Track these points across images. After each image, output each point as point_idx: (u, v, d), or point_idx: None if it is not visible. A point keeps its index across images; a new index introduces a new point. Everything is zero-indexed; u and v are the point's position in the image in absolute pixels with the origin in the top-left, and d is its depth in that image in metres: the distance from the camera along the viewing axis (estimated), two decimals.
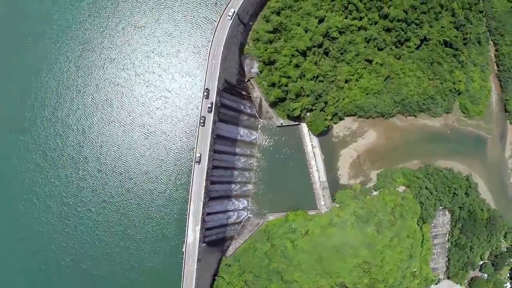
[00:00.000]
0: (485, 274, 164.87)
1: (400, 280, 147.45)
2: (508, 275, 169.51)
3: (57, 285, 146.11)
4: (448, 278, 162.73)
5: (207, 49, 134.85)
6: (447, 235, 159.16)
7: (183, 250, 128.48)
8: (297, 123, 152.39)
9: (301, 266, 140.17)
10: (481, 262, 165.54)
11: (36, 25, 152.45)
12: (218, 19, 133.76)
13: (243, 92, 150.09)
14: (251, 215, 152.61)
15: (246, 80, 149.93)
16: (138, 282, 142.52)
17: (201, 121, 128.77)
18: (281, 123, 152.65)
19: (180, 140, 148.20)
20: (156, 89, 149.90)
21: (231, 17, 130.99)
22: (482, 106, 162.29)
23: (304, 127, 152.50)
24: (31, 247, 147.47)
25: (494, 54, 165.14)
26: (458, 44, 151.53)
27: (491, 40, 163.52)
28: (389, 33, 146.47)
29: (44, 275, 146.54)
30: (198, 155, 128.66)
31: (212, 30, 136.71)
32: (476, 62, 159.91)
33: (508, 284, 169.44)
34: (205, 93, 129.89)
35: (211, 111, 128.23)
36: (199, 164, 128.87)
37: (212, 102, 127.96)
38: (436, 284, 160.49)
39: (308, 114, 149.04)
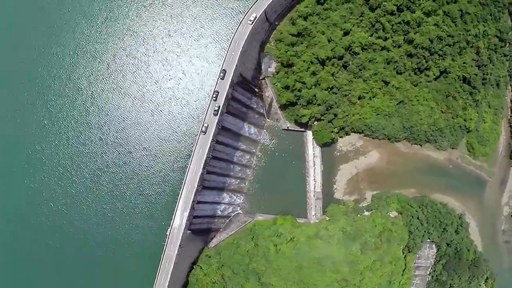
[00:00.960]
0: None
1: None
2: None
3: (36, 243, 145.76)
4: None
5: (229, 39, 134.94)
6: (430, 268, 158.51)
7: (167, 233, 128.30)
8: (303, 129, 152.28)
9: (280, 271, 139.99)
10: None
11: None
12: (244, 14, 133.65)
13: (255, 89, 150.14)
14: (240, 212, 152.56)
15: (261, 78, 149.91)
16: (118, 255, 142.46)
17: (214, 95, 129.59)
18: (288, 127, 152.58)
19: (186, 123, 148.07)
20: (172, 69, 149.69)
21: (252, 22, 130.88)
22: (489, 149, 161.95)
23: (309, 135, 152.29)
24: (17, 200, 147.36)
25: (510, 100, 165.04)
26: (477, 82, 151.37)
27: (510, 85, 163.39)
28: (410, 58, 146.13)
29: (24, 229, 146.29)
30: (205, 125, 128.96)
31: (237, 22, 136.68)
32: (491, 104, 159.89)
33: None
34: (221, 74, 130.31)
35: (217, 115, 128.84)
36: (204, 134, 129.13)
37: (219, 106, 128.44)
38: None
39: (315, 123, 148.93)
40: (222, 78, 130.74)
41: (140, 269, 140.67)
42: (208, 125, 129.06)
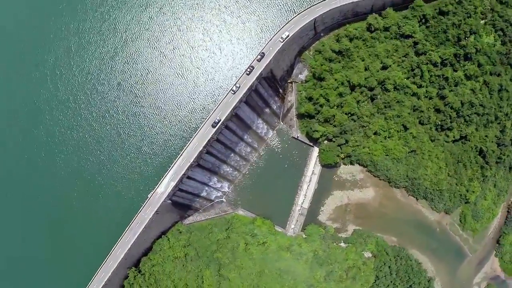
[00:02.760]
0: None
1: None
2: None
3: (25, 160, 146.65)
4: None
5: (273, 32, 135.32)
6: None
7: (149, 195, 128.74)
8: (311, 144, 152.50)
9: (242, 269, 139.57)
10: None
11: None
12: (293, 16, 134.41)
13: (280, 90, 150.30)
14: (224, 200, 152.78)
15: (289, 81, 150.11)
16: (94, 199, 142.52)
17: (248, 69, 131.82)
18: (297, 136, 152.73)
19: (204, 97, 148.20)
20: (210, 41, 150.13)
21: (283, 40, 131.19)
22: (480, 226, 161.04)
23: (315, 151, 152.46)
24: (18, 113, 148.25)
25: None
26: (491, 159, 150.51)
27: None
28: (437, 113, 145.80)
29: (16, 143, 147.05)
30: (237, 85, 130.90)
31: (287, 18, 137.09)
32: (497, 185, 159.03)
33: None
34: (259, 56, 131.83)
35: (215, 126, 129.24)
36: (234, 94, 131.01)
37: (220, 120, 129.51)
38: None
39: (325, 142, 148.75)
40: (259, 60, 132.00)
41: (110, 220, 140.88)
42: (239, 86, 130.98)
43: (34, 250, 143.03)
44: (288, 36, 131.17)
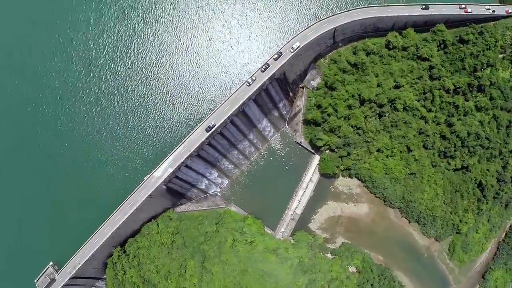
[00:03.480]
0: None
1: None
2: None
3: (27, 129, 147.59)
4: None
5: (292, 34, 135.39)
6: None
7: (145, 178, 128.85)
8: (313, 151, 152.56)
9: (225, 265, 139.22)
10: None
11: None
12: (314, 22, 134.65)
13: (290, 93, 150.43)
14: (219, 194, 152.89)
15: (300, 86, 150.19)
16: (90, 172, 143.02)
17: (264, 67, 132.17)
18: (300, 142, 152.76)
19: (215, 89, 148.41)
20: (229, 34, 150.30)
21: (294, 51, 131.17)
22: (468, 258, 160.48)
23: (316, 159, 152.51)
24: (27, 80, 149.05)
25: (511, 225, 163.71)
26: (489, 193, 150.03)
27: None
28: (442, 140, 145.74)
29: (20, 111, 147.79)
30: (253, 78, 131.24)
31: (308, 24, 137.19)
32: (491, 220, 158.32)
33: None
34: (276, 55, 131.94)
35: (209, 131, 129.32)
36: (249, 86, 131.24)
37: (214, 125, 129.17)
38: None
39: (327, 151, 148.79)
40: (276, 59, 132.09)
41: (103, 197, 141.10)
42: (255, 79, 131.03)
43: (26, 215, 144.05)
44: (299, 46, 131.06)
